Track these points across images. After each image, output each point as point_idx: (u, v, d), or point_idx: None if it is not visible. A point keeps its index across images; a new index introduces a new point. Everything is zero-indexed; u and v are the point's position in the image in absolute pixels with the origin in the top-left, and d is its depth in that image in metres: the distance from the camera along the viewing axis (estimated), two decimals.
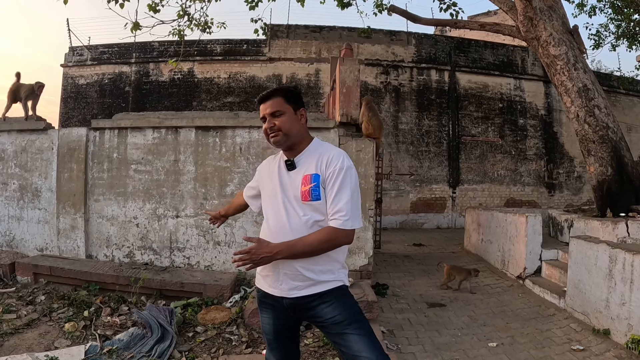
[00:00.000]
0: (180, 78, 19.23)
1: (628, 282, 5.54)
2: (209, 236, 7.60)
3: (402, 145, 18.85)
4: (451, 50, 19.73)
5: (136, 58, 19.78)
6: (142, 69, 19.71)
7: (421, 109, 19.20)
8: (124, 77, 19.81)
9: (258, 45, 18.94)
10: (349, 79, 7.56)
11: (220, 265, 7.56)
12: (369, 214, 7.47)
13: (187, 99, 18.97)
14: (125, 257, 7.80)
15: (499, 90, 20.02)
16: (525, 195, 19.72)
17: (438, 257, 11.32)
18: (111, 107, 19.16)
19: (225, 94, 18.91)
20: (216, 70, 19.08)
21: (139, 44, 19.51)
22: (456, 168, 19.32)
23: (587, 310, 6.38)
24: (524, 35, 10.54)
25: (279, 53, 18.87)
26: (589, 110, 9.67)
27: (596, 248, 6.26)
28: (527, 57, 20.32)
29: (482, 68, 19.96)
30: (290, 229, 2.79)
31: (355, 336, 2.73)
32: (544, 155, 20.35)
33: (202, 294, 6.65)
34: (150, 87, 19.53)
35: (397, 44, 19.32)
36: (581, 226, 9.01)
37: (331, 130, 7.48)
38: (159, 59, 19.23)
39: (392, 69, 19.13)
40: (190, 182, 7.70)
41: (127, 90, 19.72)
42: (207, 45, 19.02)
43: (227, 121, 7.69)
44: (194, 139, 7.72)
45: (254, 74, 18.91)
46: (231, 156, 7.65)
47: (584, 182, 20.39)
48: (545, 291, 7.72)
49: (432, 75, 19.46)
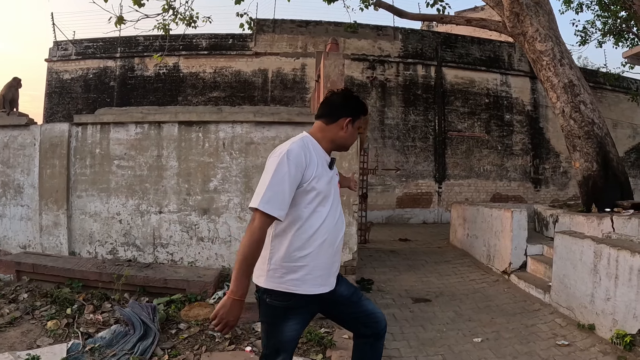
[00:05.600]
0: (165, 73, 19.06)
1: (613, 277, 5.54)
2: (192, 232, 7.55)
3: (388, 141, 18.80)
4: (438, 46, 19.69)
5: (121, 53, 19.55)
6: (127, 64, 19.51)
7: (407, 104, 19.16)
8: (108, 71, 19.58)
9: (244, 40, 18.80)
10: (333, 74, 7.51)
11: (203, 262, 7.50)
12: (353, 209, 7.43)
13: (172, 93, 18.80)
14: (109, 253, 7.73)
15: (486, 85, 20.01)
16: (511, 191, 19.75)
17: (424, 252, 11.32)
18: (96, 102, 18.90)
19: (211, 89, 18.76)
20: (202, 65, 18.93)
21: (124, 39, 19.28)
22: (442, 163, 19.31)
23: (572, 305, 6.36)
24: (510, 30, 10.54)
25: (265, 48, 18.74)
26: (574, 106, 9.69)
27: (581, 243, 6.23)
28: (514, 53, 20.31)
29: (469, 63, 19.94)
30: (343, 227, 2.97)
31: (365, 299, 3.16)
32: (530, 151, 20.38)
33: (185, 290, 6.60)
34: (136, 82, 19.33)
35: (384, 39, 19.27)
36: (566, 221, 9.01)
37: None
38: (144, 54, 19.04)
39: (378, 64, 19.06)
40: (173, 178, 7.64)
41: (112, 85, 19.50)
42: (193, 39, 18.86)
43: (210, 116, 7.64)
44: (177, 134, 7.66)
45: (240, 68, 18.76)
46: (214, 151, 7.59)
47: (569, 177, 20.42)
48: (530, 286, 7.70)
49: (419, 70, 19.42)
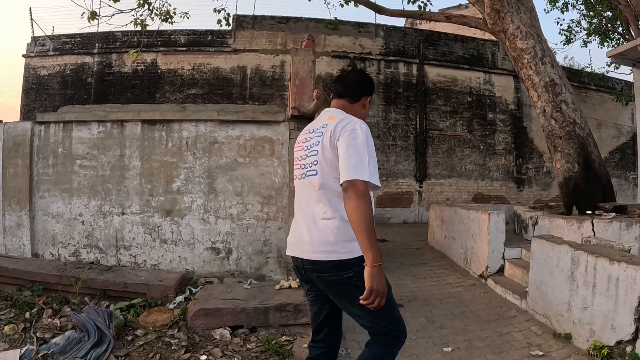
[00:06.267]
0: (143, 69, 18.73)
1: (590, 285, 5.36)
2: (155, 234, 7.26)
3: None
4: (420, 43, 19.53)
5: (99, 48, 19.19)
6: (104, 60, 19.15)
7: (388, 102, 18.99)
8: (86, 68, 19.22)
9: (223, 36, 18.52)
10: (302, 71, 7.24)
11: (167, 264, 7.24)
12: None
13: (150, 90, 18.49)
14: (71, 255, 7.43)
15: (468, 84, 19.92)
16: (493, 190, 19.64)
17: (401, 253, 11.12)
18: (73, 98, 18.54)
19: (189, 86, 18.47)
20: (180, 62, 18.62)
21: (102, 34, 18.88)
22: (423, 162, 19.17)
23: (548, 313, 6.19)
24: (490, 27, 10.37)
25: (244, 44, 18.48)
26: (555, 106, 9.55)
27: (558, 249, 6.06)
28: (498, 52, 20.24)
29: (452, 62, 19.81)
30: None
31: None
32: (513, 150, 20.33)
33: (146, 294, 6.34)
34: (113, 78, 18.98)
35: (365, 36, 19.08)
36: (546, 224, 8.87)
37: (281, 124, 7.19)
38: (122, 50, 18.65)
39: (359, 61, 18.85)
40: (136, 178, 7.35)
41: (89, 81, 19.13)
42: (171, 35, 18.55)
43: (173, 114, 7.34)
44: (140, 133, 7.37)
45: (219, 65, 18.49)
46: (177, 151, 7.31)
47: (552, 177, 20.16)
48: (507, 291, 7.53)
49: (400, 68, 19.26)
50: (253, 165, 7.21)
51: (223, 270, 7.15)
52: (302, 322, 5.57)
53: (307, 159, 2.94)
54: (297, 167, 3.07)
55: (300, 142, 3.09)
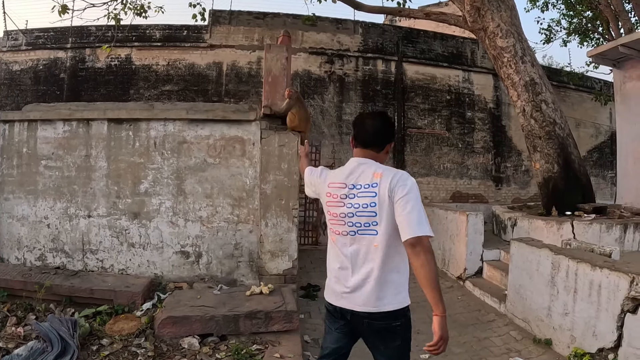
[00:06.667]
0: (117, 65, 18.27)
1: (571, 291, 5.26)
2: (123, 237, 6.98)
3: (346, 137, 18.29)
4: (399, 41, 19.34)
5: (72, 43, 18.67)
6: (78, 55, 18.67)
7: (366, 99, 18.79)
8: (59, 63, 18.72)
9: (199, 32, 18.13)
10: (275, 68, 7.03)
11: (135, 269, 6.96)
12: (292, 214, 6.95)
13: (124, 86, 18.03)
14: (37, 260, 7.16)
15: (447, 82, 19.79)
16: (472, 189, 19.55)
17: None
18: (45, 95, 18.09)
19: (164, 82, 18.05)
20: (155, 57, 18.20)
21: (76, 29, 18.41)
22: (401, 160, 18.98)
23: (528, 318, 6.10)
24: (470, 25, 10.28)
25: (221, 40, 18.12)
26: (535, 105, 9.48)
27: (538, 253, 5.97)
28: (477, 50, 20.12)
29: (431, 59, 19.66)
30: None
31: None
32: (491, 149, 20.26)
33: (113, 301, 6.12)
34: (86, 74, 18.48)
35: (344, 33, 18.84)
36: (525, 225, 8.81)
37: (252, 123, 6.92)
38: (96, 45, 18.24)
39: (337, 58, 18.64)
40: (102, 179, 7.06)
41: (62, 77, 18.61)
42: (146, 30, 18.13)
43: (141, 113, 7.04)
44: (106, 133, 7.07)
45: (194, 61, 18.10)
46: (145, 151, 7.03)
47: (531, 175, 20.24)
48: (485, 294, 7.45)
49: (379, 65, 19.06)
50: (223, 166, 6.95)
51: (193, 274, 6.89)
52: (274, 329, 5.38)
53: (355, 217, 2.95)
54: (337, 222, 3.07)
55: (334, 196, 3.08)
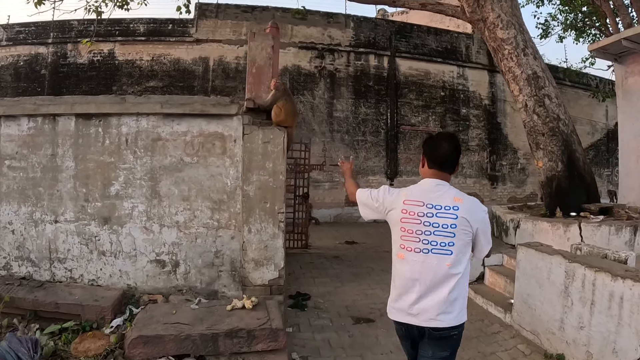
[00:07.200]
0: (100, 60, 17.71)
1: (588, 303, 4.77)
2: (93, 245, 6.34)
3: (337, 134, 18.12)
4: (392, 35, 19.02)
5: (53, 38, 18.08)
6: (59, 50, 18.05)
7: (358, 95, 18.49)
8: (40, 59, 18.11)
9: (184, 26, 17.63)
10: (260, 57, 6.45)
11: (106, 279, 6.33)
12: (278, 218, 6.34)
13: (106, 83, 17.45)
14: (2, 269, 6.53)
15: (442, 78, 19.55)
16: (467, 188, 19.18)
17: (371, 257, 10.62)
18: (26, 92, 17.44)
19: (148, 78, 17.54)
20: (139, 52, 17.65)
21: (57, 23, 17.80)
22: (394, 159, 18.72)
23: (537, 330, 5.61)
24: (469, 16, 9.81)
25: (207, 34, 17.63)
26: (538, 100, 9.05)
27: (549, 260, 5.46)
28: (472, 45, 19.97)
29: (424, 54, 19.40)
30: None
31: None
32: (487, 147, 20.10)
33: (80, 316, 5.54)
34: (68, 70, 17.91)
35: (335, 27, 18.48)
36: (529, 227, 8.36)
37: (234, 118, 6.30)
38: (78, 39, 17.63)
39: (328, 53, 18.29)
40: (69, 181, 6.40)
41: (43, 73, 18.02)
42: (130, 24, 17.57)
43: (111, 107, 6.40)
44: (74, 129, 6.42)
45: (179, 56, 17.61)
46: (116, 149, 6.38)
47: (527, 174, 20.34)
48: (488, 302, 6.94)
49: (371, 60, 18.75)
50: (202, 166, 6.32)
51: (170, 285, 6.27)
52: (258, 349, 4.79)
53: (433, 235, 3.07)
54: (411, 239, 3.16)
55: (411, 213, 3.16)
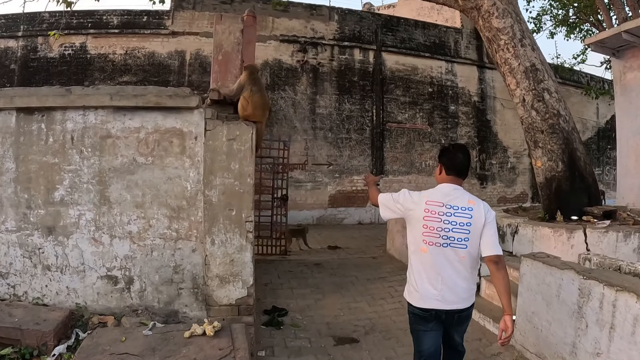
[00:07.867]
0: (71, 54, 16.99)
1: (607, 326, 4.19)
2: (37, 258, 5.51)
3: (320, 132, 17.68)
4: (378, 29, 18.64)
5: (24, 31, 17.32)
6: (29, 44, 17.31)
7: (342, 91, 18.09)
8: (9, 52, 17.32)
9: (160, 17, 16.98)
10: (227, 43, 5.73)
11: (52, 297, 5.53)
12: (246, 227, 5.56)
13: (78, 77, 16.68)
14: None
15: (429, 73, 19.24)
16: None
17: (355, 264, 9.97)
18: None
19: (121, 73, 16.86)
20: (112, 45, 16.96)
21: (28, 15, 17.06)
22: (380, 157, 18.35)
23: (543, 353, 5.04)
24: (461, 4, 9.26)
25: (184, 26, 17.01)
26: (537, 94, 8.48)
27: (559, 275, 4.85)
28: (461, 40, 19.80)
29: (412, 49, 19.06)
30: None
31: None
32: (476, 145, 19.84)
33: (20, 341, 4.85)
34: (38, 64, 17.17)
35: (318, 19, 18.05)
36: (528, 233, 7.75)
37: (194, 112, 5.52)
38: (48, 32, 16.88)
39: (310, 46, 17.82)
40: (10, 185, 5.56)
41: (12, 68, 17.23)
42: (103, 16, 16.88)
43: (54, 100, 5.58)
44: (15, 126, 5.58)
45: (154, 49, 16.94)
46: (60, 148, 5.56)
47: (517, 173, 20.20)
48: (486, 318, 6.37)
49: (356, 54, 18.36)
50: (157, 167, 5.52)
51: (123, 305, 5.46)
52: None
53: (451, 232, 3.54)
54: (432, 235, 3.59)
55: (433, 212, 3.59)
